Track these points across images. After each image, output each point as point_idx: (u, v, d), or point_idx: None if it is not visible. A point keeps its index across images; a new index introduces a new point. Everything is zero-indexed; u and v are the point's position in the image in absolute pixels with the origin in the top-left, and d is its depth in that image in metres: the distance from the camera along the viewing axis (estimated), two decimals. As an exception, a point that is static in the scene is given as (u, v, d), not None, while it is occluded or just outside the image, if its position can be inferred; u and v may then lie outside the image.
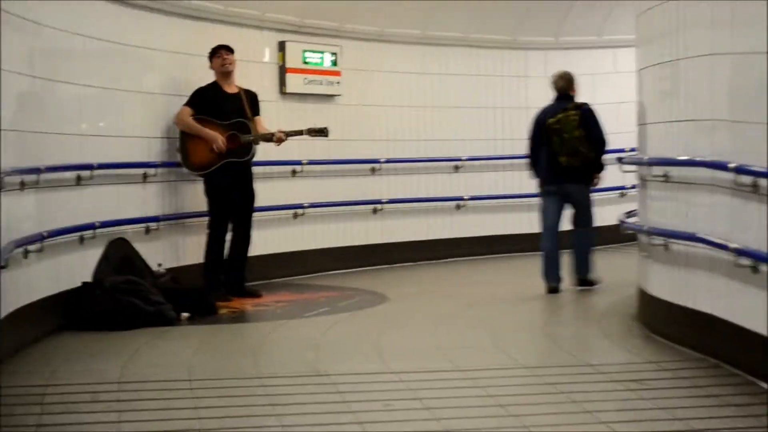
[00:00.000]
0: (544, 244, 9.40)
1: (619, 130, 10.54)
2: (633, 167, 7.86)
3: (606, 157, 9.36)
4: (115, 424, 5.15)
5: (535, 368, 6.35)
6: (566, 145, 9.15)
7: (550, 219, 9.44)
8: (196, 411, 5.38)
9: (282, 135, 9.34)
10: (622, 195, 12.37)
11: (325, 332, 7.57)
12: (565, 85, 9.58)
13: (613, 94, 12.12)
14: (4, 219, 6.63)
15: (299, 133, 9.47)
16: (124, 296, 7.86)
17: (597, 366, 6.29)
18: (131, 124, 8.97)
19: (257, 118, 9.42)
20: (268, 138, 9.35)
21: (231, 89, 9.40)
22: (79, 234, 7.97)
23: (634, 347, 6.86)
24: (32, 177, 7.11)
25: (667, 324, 6.97)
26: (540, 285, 9.32)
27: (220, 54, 9.32)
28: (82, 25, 8.20)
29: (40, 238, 7.11)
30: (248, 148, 9.27)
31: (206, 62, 9.39)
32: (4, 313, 6.52)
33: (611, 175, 9.75)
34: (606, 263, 10.00)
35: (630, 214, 8.53)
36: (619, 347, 6.96)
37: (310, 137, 9.61)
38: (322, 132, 9.55)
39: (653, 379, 5.96)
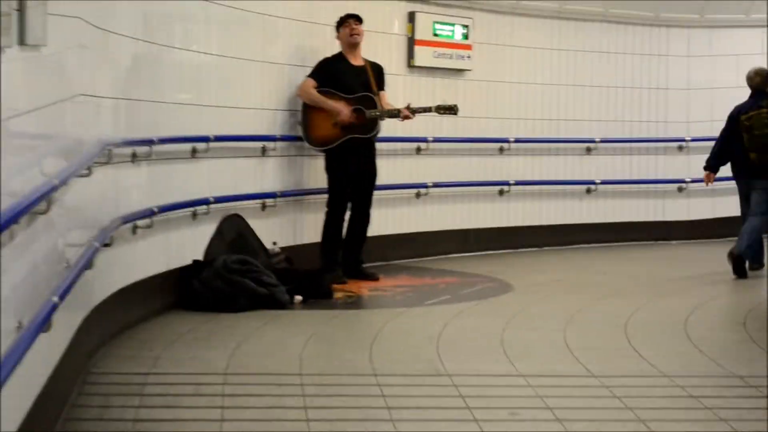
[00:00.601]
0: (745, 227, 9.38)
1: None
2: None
3: None
4: (217, 423, 4.74)
5: (677, 377, 5.75)
6: (755, 141, 9.20)
7: (743, 210, 9.54)
8: (304, 411, 4.94)
9: (409, 112, 8.85)
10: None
11: (446, 325, 7.07)
12: (761, 81, 9.48)
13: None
14: (113, 193, 6.29)
15: (428, 110, 8.97)
16: (236, 276, 7.48)
17: (746, 378, 5.71)
18: (252, 94, 8.56)
19: (382, 93, 8.94)
20: (395, 114, 8.87)
21: (357, 61, 8.94)
22: (192, 209, 7.62)
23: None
24: (144, 149, 6.77)
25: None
26: (676, 277, 8.76)
27: (348, 23, 8.86)
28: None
29: (150, 213, 6.77)
30: (373, 124, 8.81)
31: (332, 32, 8.94)
32: (109, 292, 6.19)
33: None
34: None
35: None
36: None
37: (438, 114, 9.10)
38: (451, 110, 9.04)
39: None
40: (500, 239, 11.08)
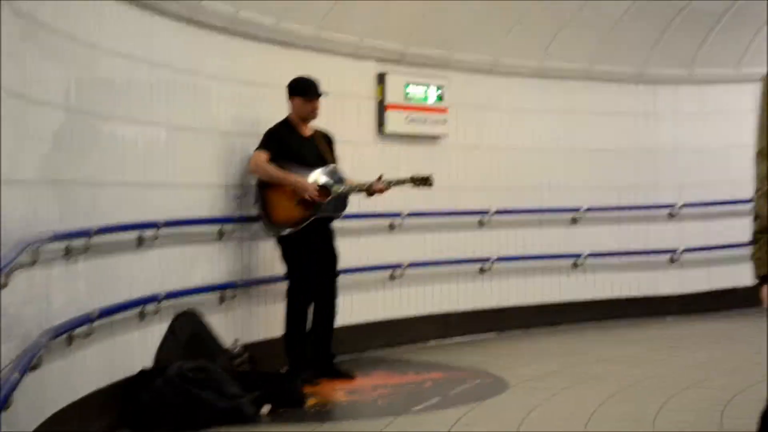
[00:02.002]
0: None
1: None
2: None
3: None
4: None
5: None
6: None
7: None
8: None
9: (382, 185, 7.76)
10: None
11: (444, 442, 5.93)
12: None
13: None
14: (42, 300, 5.13)
15: (402, 182, 7.87)
16: (193, 387, 6.29)
17: None
18: (204, 170, 7.44)
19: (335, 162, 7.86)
20: (365, 189, 7.77)
21: (306, 132, 7.82)
22: (139, 309, 6.45)
23: None
24: (80, 241, 5.60)
25: None
26: (698, 364, 7.65)
27: (304, 99, 7.71)
28: (142, 49, 6.68)
29: (87, 319, 5.60)
30: (342, 201, 7.70)
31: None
32: (38, 422, 5.00)
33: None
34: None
35: None
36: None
37: (414, 187, 7.97)
38: (426, 181, 7.94)
39: None
40: (483, 321, 9.98)
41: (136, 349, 6.48)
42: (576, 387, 7.53)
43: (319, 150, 7.77)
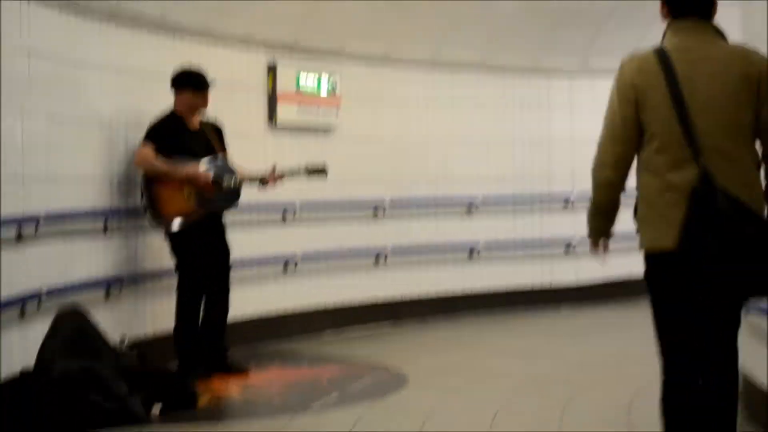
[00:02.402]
0: None
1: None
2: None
3: None
4: None
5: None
6: None
7: None
8: None
9: (276, 175, 7.52)
10: None
11: (344, 441, 5.74)
12: None
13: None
14: None
15: (296, 172, 7.64)
16: (78, 389, 6.01)
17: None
18: (87, 160, 7.13)
19: (223, 153, 7.60)
20: (260, 179, 7.54)
21: (194, 124, 7.54)
22: (18, 307, 6.13)
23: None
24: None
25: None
26: (598, 356, 7.58)
27: (189, 91, 7.41)
28: (20, 37, 6.37)
29: (-38, 319, 5.28)
30: (235, 193, 7.45)
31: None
32: None
33: None
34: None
35: None
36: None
37: (307, 177, 7.75)
38: (321, 171, 7.73)
39: None
40: (378, 313, 9.83)
41: (16, 350, 6.16)
42: (477, 383, 7.38)
43: (208, 142, 7.51)
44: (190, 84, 7.44)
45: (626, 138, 4.03)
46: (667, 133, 3.97)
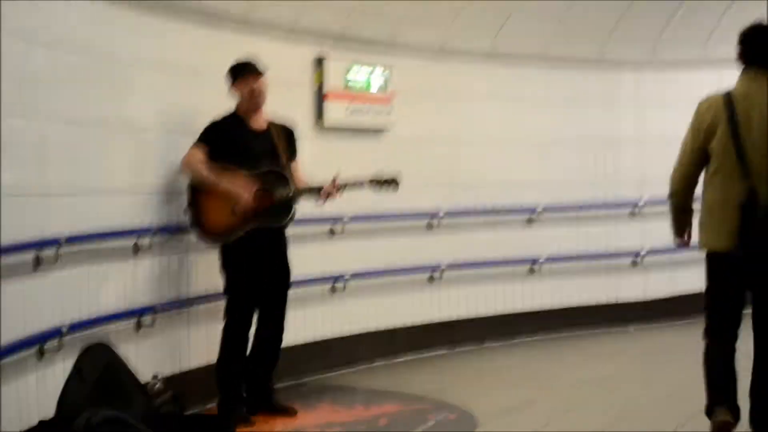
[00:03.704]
0: None
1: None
2: None
3: None
4: None
5: None
6: None
7: None
8: None
9: (334, 189, 6.55)
10: None
11: None
12: None
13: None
14: None
15: (359, 184, 6.68)
16: (105, 445, 5.08)
17: None
18: (116, 173, 6.19)
19: (293, 163, 6.66)
20: (315, 192, 6.57)
21: (258, 124, 6.63)
22: (37, 346, 5.23)
23: None
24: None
25: None
26: (681, 381, 6.68)
27: (247, 79, 6.56)
28: (38, 28, 5.43)
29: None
30: (287, 209, 6.49)
31: (222, 83, 6.64)
32: None
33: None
34: None
35: None
36: None
37: (376, 189, 6.78)
38: (391, 182, 6.77)
39: None
40: (433, 336, 8.90)
41: (33, 397, 5.26)
42: (559, 421, 6.45)
43: (273, 145, 6.56)
44: (247, 69, 6.59)
45: (692, 162, 5.33)
46: (727, 159, 5.19)
